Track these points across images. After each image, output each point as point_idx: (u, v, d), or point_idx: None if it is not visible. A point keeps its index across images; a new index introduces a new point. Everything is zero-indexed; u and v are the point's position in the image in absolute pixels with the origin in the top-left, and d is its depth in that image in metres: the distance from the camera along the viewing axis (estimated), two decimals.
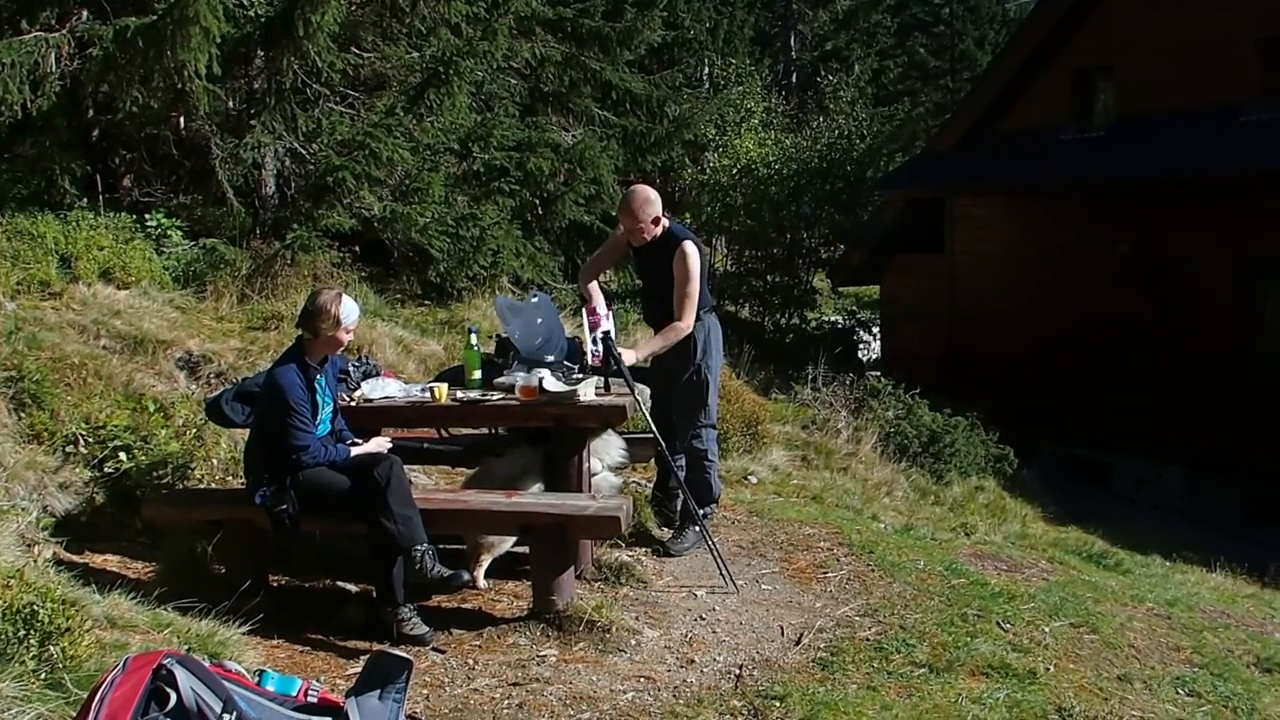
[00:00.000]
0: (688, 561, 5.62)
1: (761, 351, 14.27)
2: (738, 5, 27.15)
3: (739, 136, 19.62)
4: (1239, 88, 13.07)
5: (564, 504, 4.69)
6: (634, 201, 5.42)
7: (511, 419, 5.20)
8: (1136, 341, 13.96)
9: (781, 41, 32.48)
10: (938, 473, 10.40)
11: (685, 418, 5.77)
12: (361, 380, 5.27)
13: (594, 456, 5.30)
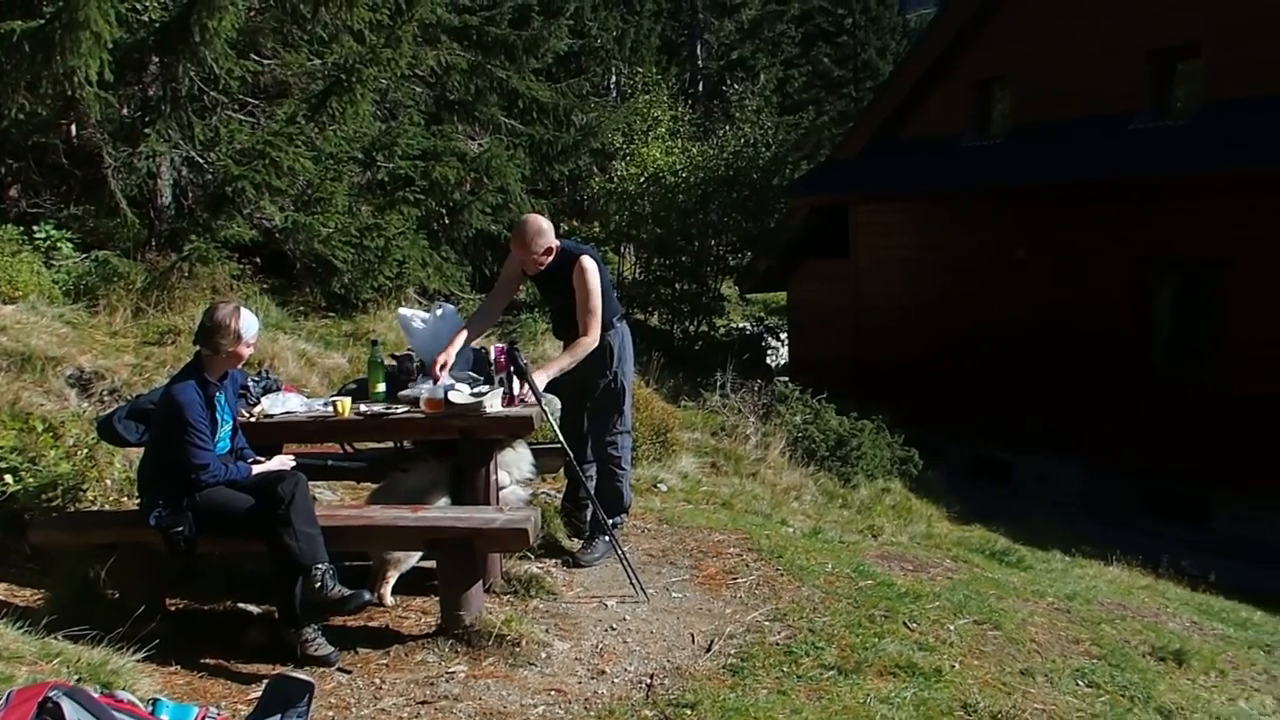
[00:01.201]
0: (598, 572, 5.60)
1: (671, 359, 14.31)
2: (644, 14, 27.27)
3: (646, 145, 19.69)
4: (1130, 97, 13.49)
5: (471, 517, 4.64)
6: (526, 233, 5.37)
7: (417, 432, 5.13)
8: (1036, 342, 14.31)
9: (688, 50, 32.69)
10: (845, 476, 10.53)
11: (601, 425, 5.75)
12: (262, 395, 5.15)
13: (502, 469, 5.25)
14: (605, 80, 25.25)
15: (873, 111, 17.65)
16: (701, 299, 19.45)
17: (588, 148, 17.03)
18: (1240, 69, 12.28)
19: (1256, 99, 12.02)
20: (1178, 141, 12.73)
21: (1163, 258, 13.12)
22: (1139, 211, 13.19)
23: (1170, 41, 13.13)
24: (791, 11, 34.36)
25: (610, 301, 5.66)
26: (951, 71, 15.98)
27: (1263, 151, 11.74)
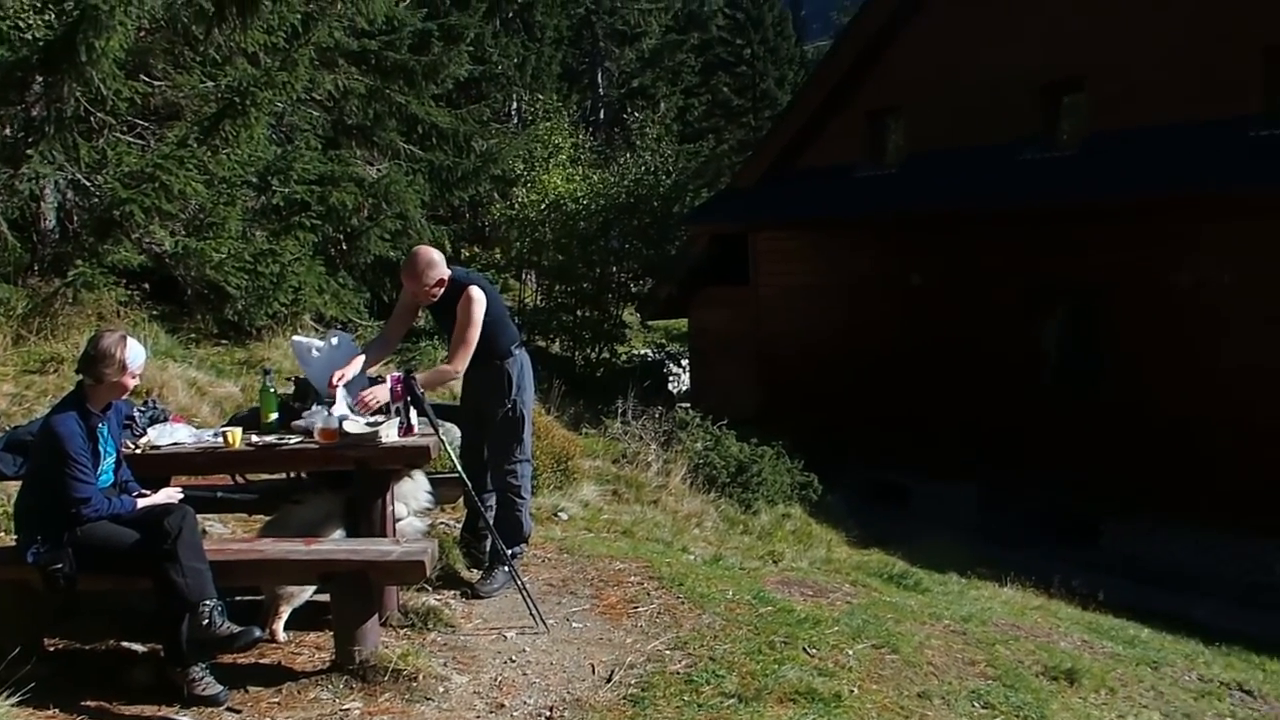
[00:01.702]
0: (497, 603, 5.53)
1: (572, 386, 14.27)
2: (546, 42, 27.32)
3: (548, 172, 19.70)
4: (1019, 128, 13.92)
5: (366, 550, 4.54)
6: (417, 266, 5.30)
7: (310, 463, 5.01)
8: (932, 366, 14.61)
9: (589, 78, 32.88)
10: (746, 502, 10.59)
11: (500, 454, 5.69)
12: (148, 426, 4.99)
13: (399, 500, 5.16)
14: (506, 106, 25.22)
15: (771, 140, 17.91)
16: (603, 326, 19.48)
17: (488, 174, 16.95)
18: (1122, 102, 12.76)
19: (1138, 130, 12.48)
20: (1065, 171, 13.16)
21: (1052, 284, 13.53)
22: (1029, 239, 13.59)
23: (1056, 75, 13.59)
24: (691, 41, 34.81)
25: (507, 329, 5.63)
26: (847, 102, 16.31)
27: (1143, 181, 12.19)
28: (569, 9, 30.73)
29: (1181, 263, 11.95)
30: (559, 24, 28.72)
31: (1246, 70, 11.64)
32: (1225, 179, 11.42)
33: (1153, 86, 12.42)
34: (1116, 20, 12.75)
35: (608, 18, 32.40)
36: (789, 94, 34.33)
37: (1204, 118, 11.90)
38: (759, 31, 39.12)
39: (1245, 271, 11.46)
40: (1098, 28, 12.93)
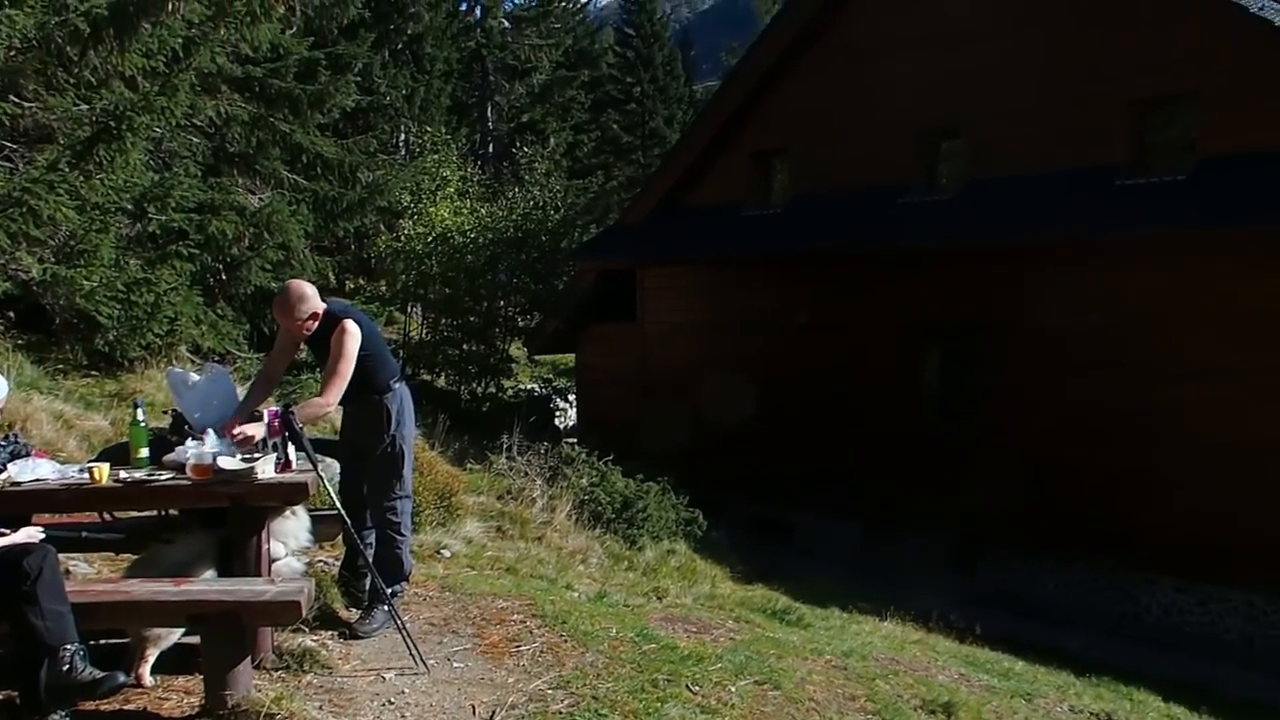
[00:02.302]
0: (376, 643, 5.41)
1: (457, 421, 14.12)
2: (435, 74, 27.21)
3: (435, 204, 19.55)
4: (900, 172, 14.30)
5: (238, 590, 4.40)
6: (288, 301, 5.19)
7: (182, 500, 4.85)
8: (817, 403, 14.85)
9: (479, 111, 32.81)
10: (631, 538, 10.59)
11: (379, 490, 5.60)
12: (9, 462, 4.77)
13: (278, 539, 5.02)
14: (394, 138, 25.02)
15: (659, 178, 18.08)
16: (489, 360, 19.35)
17: (374, 205, 16.75)
18: (998, 150, 13.22)
19: (1013, 178, 12.95)
20: (943, 215, 13.56)
21: (931, 323, 13.89)
22: (909, 280, 13.94)
23: (935, 122, 14.02)
24: (581, 78, 35.02)
25: (386, 364, 5.55)
26: (734, 142, 16.57)
27: (1017, 226, 12.63)
28: (459, 42, 30.71)
29: (1052, 305, 12.39)
30: (449, 57, 28.66)
31: (1113, 122, 12.17)
32: (1093, 226, 11.89)
33: (1026, 135, 12.90)
34: (991, 71, 13.23)
35: (498, 52, 32.41)
36: (678, 132, 34.75)
37: (1075, 166, 12.40)
38: (649, 70, 39.60)
39: (1111, 314, 11.94)
40: (974, 78, 13.39)
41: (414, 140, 23.89)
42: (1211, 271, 11.20)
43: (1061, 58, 12.61)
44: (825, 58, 15.26)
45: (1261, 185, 10.75)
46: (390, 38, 26.52)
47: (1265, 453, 10.79)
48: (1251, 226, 10.71)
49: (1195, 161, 11.55)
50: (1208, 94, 11.45)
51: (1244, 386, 10.95)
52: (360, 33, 20.18)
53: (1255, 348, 10.87)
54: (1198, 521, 11.28)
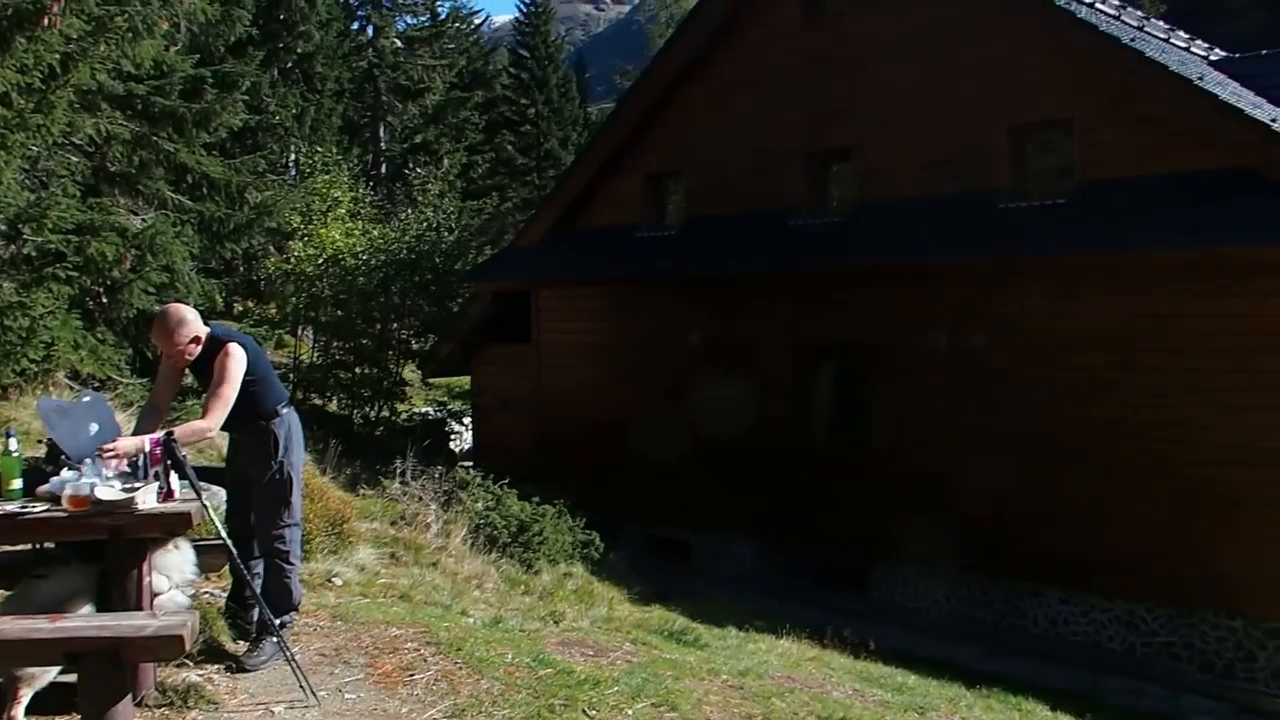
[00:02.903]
0: (265, 675, 5.28)
1: (350, 446, 13.88)
2: (326, 94, 26.87)
3: (326, 226, 19.24)
4: (791, 195, 14.52)
5: (117, 625, 4.24)
6: (168, 325, 5.08)
7: (57, 533, 4.67)
8: (711, 423, 14.94)
9: (371, 132, 32.49)
10: (527, 562, 10.51)
11: (267, 519, 5.47)
12: None
13: (161, 573, 4.86)
14: (283, 158, 24.61)
15: (554, 200, 18.08)
16: (383, 383, 19.07)
17: (263, 227, 16.38)
18: (886, 173, 13.51)
19: (901, 200, 13.24)
20: (833, 237, 13.80)
21: (823, 344, 14.12)
22: (800, 301, 14.16)
23: (824, 145, 14.28)
24: (475, 99, 34.94)
25: (274, 388, 5.45)
26: (628, 164, 16.66)
27: (902, 248, 12.91)
28: (351, 61, 30.38)
29: (936, 326, 12.69)
30: (340, 76, 28.33)
31: (995, 147, 12.55)
32: (975, 248, 12.22)
33: (913, 159, 13.22)
34: (878, 96, 13.54)
35: (390, 72, 32.16)
36: (573, 154, 34.88)
37: (960, 190, 12.74)
38: (543, 92, 39.67)
39: (996, 334, 12.28)
40: (862, 102, 13.69)
41: (304, 160, 23.52)
42: (1089, 293, 11.59)
43: (945, 84, 12.96)
44: (717, 82, 15.45)
45: (1135, 210, 11.18)
46: (280, 56, 26.14)
47: (1138, 469, 11.19)
48: (1123, 250, 11.12)
49: (1074, 185, 11.96)
50: (1085, 120, 11.88)
51: (1118, 404, 11.35)
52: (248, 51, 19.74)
53: (1128, 367, 11.27)
54: (1078, 534, 11.64)
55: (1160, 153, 11.27)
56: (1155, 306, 11.09)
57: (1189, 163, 11.03)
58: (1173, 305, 10.96)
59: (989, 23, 12.62)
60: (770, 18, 14.81)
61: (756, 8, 14.93)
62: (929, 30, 13.12)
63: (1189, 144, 11.04)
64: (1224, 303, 10.66)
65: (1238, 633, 10.73)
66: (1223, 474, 10.67)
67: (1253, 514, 10.51)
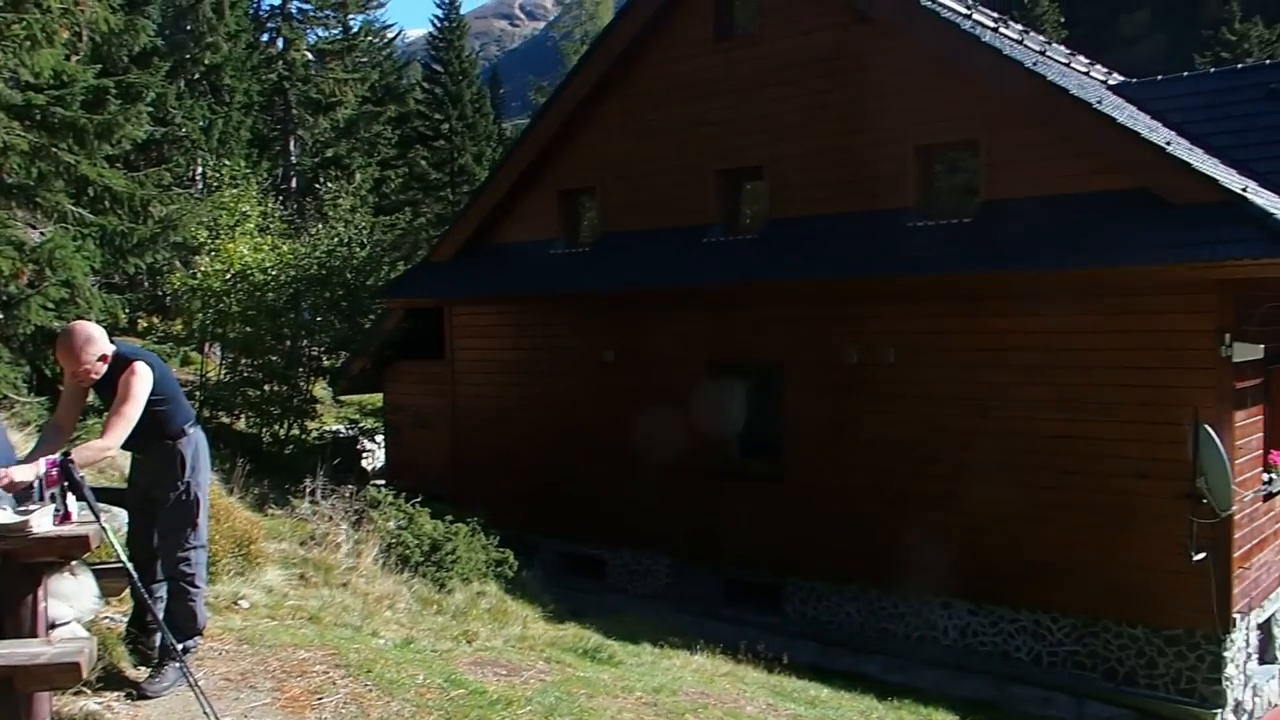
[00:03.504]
0: (167, 702, 5.14)
1: (259, 465, 13.60)
2: (234, 106, 26.41)
3: (234, 240, 18.87)
4: (704, 212, 14.62)
5: (10, 653, 4.10)
6: (74, 343, 4.95)
7: None
8: (625, 440, 14.95)
9: (281, 145, 32.02)
10: (440, 581, 10.38)
11: (172, 541, 5.34)
12: None
13: (60, 600, 4.70)
14: (190, 171, 24.12)
15: (468, 215, 17.97)
16: (293, 401, 18.72)
17: (168, 241, 16.01)
18: (798, 191, 13.68)
19: (812, 218, 13.41)
20: (746, 255, 13.92)
21: (733, 361, 14.23)
22: (713, 318, 14.26)
23: (737, 163, 14.41)
24: (388, 113, 34.61)
25: (181, 408, 5.33)
26: (543, 180, 16.64)
27: (813, 265, 13.07)
28: (260, 74, 29.92)
29: (848, 342, 12.87)
30: (249, 88, 27.88)
31: (902, 167, 12.78)
32: (884, 266, 12.42)
33: (824, 178, 13.40)
34: (789, 115, 13.71)
35: (301, 85, 31.72)
36: (487, 169, 34.72)
37: (869, 208, 12.95)
38: (458, 107, 39.48)
39: (902, 350, 12.49)
40: (773, 121, 13.85)
41: (212, 174, 23.07)
42: (995, 309, 11.86)
43: (855, 104, 13.17)
44: (631, 99, 15.52)
45: (1038, 229, 11.47)
46: (186, 67, 25.65)
47: (1045, 482, 11.46)
48: (1027, 269, 11.39)
49: (980, 205, 12.23)
50: (990, 142, 12.16)
51: (1024, 419, 11.62)
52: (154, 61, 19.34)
53: (1034, 383, 11.55)
54: (987, 546, 11.87)
55: (1062, 174, 11.58)
56: (1059, 323, 11.38)
57: (1090, 184, 11.36)
58: (1077, 322, 11.27)
59: (897, 45, 12.86)
60: (683, 36, 14.93)
61: (670, 27, 15.04)
62: (839, 51, 13.33)
63: (1090, 165, 11.37)
64: (1124, 319, 10.99)
65: (1139, 640, 11.04)
66: (1125, 486, 10.98)
67: (1152, 524, 10.83)
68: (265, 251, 18.85)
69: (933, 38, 12.52)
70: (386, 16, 38.45)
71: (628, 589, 15.09)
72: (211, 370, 19.81)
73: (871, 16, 12.97)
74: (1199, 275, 10.26)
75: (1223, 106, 14.74)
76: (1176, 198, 10.62)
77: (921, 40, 12.62)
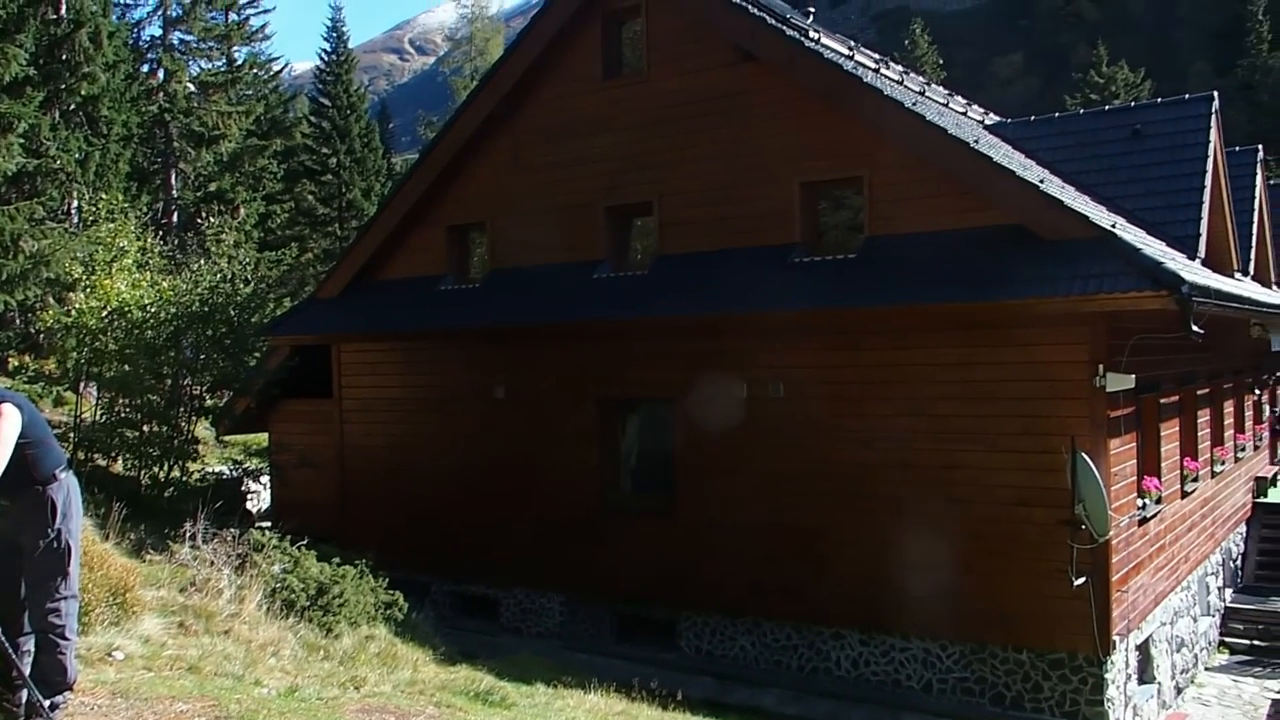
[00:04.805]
0: None
1: (137, 509, 13.11)
2: (112, 138, 25.69)
3: (110, 276, 18.25)
4: (595, 248, 14.65)
5: None
6: None
7: None
8: (517, 478, 14.85)
9: (162, 179, 31.26)
10: (327, 626, 10.11)
11: (41, 590, 5.12)
12: None
13: None
14: (65, 205, 23.33)
15: (355, 251, 17.72)
16: (173, 442, 18.11)
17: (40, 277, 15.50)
18: (687, 228, 13.80)
19: (701, 254, 13.53)
20: (635, 290, 13.97)
21: (624, 396, 14.26)
22: (603, 353, 14.27)
23: (626, 199, 14.49)
24: (274, 147, 34.07)
25: (51, 452, 5.13)
26: (432, 215, 16.50)
27: (701, 300, 13.16)
28: (140, 105, 29.19)
29: (735, 376, 12.99)
30: (128, 120, 27.18)
31: (788, 203, 12.99)
32: (771, 301, 12.56)
33: (712, 214, 13.55)
34: (677, 152, 13.85)
35: (183, 117, 31.03)
36: (376, 204, 34.39)
37: (757, 244, 13.12)
38: (346, 141, 39.07)
39: (790, 384, 12.66)
40: (661, 157, 13.98)
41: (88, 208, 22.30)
42: (878, 343, 12.11)
43: (742, 141, 13.37)
44: (520, 134, 15.51)
45: (919, 264, 11.75)
46: (62, 98, 24.86)
47: (931, 511, 11.70)
48: (909, 303, 11.65)
49: (863, 241, 12.49)
50: (873, 179, 12.45)
51: (910, 450, 11.85)
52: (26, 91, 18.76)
53: (919, 414, 11.81)
54: (876, 576, 12.05)
55: (943, 210, 11.92)
56: (942, 356, 11.67)
57: (969, 220, 11.70)
58: (958, 355, 11.57)
59: (781, 84, 13.11)
60: (572, 73, 15.01)
61: (559, 64, 15.10)
62: (725, 90, 13.53)
63: (969, 203, 11.72)
64: (1003, 351, 11.32)
65: (1024, 665, 11.30)
66: (1007, 514, 11.27)
67: (1034, 551, 11.12)
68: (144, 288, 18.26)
69: (816, 78, 12.79)
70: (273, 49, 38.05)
71: (521, 628, 14.93)
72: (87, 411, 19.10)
73: (757, 56, 13.21)
74: (1072, 309, 10.62)
75: (1091, 146, 15.40)
76: (1050, 234, 11.00)
77: (805, 80, 12.89)
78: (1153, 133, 15.23)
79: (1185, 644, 14.33)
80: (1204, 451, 15.84)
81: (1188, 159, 14.62)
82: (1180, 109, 15.64)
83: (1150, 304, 10.20)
